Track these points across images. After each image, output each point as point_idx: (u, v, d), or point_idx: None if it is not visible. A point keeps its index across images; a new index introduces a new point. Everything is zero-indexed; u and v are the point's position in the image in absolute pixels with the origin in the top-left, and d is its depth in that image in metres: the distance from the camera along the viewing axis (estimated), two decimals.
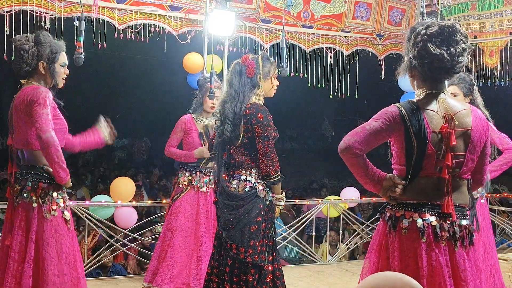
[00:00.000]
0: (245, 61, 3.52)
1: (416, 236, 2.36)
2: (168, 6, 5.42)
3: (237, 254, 3.36)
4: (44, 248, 2.99)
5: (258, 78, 3.50)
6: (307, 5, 6.11)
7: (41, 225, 3.02)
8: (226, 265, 3.42)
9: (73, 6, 5.00)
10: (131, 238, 5.86)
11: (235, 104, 3.45)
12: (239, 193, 3.41)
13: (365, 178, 2.49)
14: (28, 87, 3.11)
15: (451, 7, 6.38)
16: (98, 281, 5.38)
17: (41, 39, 3.15)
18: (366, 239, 6.84)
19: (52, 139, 2.97)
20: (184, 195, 4.77)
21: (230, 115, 3.45)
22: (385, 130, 2.41)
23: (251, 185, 3.43)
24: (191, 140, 4.87)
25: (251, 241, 3.35)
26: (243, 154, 3.46)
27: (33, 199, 3.05)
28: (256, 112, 3.40)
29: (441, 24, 2.41)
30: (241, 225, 3.37)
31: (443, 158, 2.36)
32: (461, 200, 2.46)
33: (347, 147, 2.41)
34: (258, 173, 3.47)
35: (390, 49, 6.68)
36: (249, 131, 3.40)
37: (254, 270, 3.38)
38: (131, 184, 5.80)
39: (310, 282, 5.55)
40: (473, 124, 2.44)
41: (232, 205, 3.41)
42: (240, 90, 3.46)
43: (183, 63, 5.68)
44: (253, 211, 3.39)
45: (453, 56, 2.39)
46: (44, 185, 3.08)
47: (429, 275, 2.32)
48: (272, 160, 3.42)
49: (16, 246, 3.03)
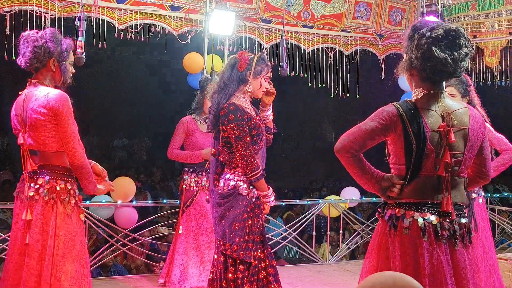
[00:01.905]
0: (240, 56, 3.56)
1: (417, 235, 2.36)
2: (168, 6, 5.42)
3: (224, 250, 3.44)
4: (58, 245, 3.02)
5: (248, 74, 3.52)
6: (307, 5, 6.11)
7: (60, 222, 3.05)
8: (219, 262, 3.48)
9: (73, 6, 5.00)
10: (131, 238, 5.87)
11: (221, 96, 3.49)
12: (223, 192, 3.47)
13: (362, 178, 2.49)
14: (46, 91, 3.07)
15: (451, 7, 6.38)
16: (98, 281, 5.39)
17: (54, 36, 3.15)
18: (366, 239, 6.84)
19: (84, 163, 3.09)
20: (196, 198, 4.80)
21: (214, 105, 3.51)
22: (381, 129, 2.41)
23: (234, 183, 3.47)
24: (194, 141, 4.88)
25: (236, 238, 3.40)
26: (226, 153, 3.51)
27: (52, 196, 3.07)
28: (227, 112, 3.42)
29: (446, 27, 2.41)
30: (226, 222, 3.43)
31: (442, 157, 2.37)
32: (459, 198, 2.46)
33: (342, 147, 2.42)
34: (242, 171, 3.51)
35: (390, 49, 6.68)
36: (225, 131, 3.45)
37: (243, 266, 3.42)
38: (132, 184, 5.80)
39: (310, 282, 5.55)
40: (470, 123, 2.45)
41: (219, 203, 3.49)
42: (228, 82, 3.50)
43: (183, 63, 5.68)
44: (236, 209, 3.44)
45: (456, 61, 2.39)
46: (61, 183, 3.10)
47: (431, 274, 2.32)
48: (247, 159, 3.42)
49: (34, 244, 3.04)
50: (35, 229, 3.05)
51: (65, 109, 3.02)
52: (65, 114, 3.02)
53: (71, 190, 3.12)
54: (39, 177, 3.10)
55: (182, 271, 4.76)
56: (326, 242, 7.45)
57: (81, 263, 3.10)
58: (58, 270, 3.00)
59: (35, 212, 3.07)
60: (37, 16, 4.87)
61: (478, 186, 2.72)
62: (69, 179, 3.13)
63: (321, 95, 7.43)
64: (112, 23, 5.23)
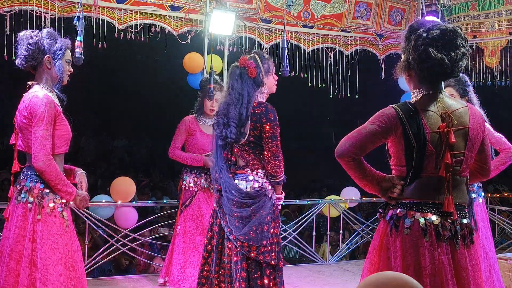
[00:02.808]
0: (244, 63, 3.51)
1: (418, 235, 2.36)
2: (168, 6, 5.41)
3: (248, 252, 3.34)
4: (40, 248, 2.99)
5: (261, 76, 3.51)
6: (307, 5, 6.11)
7: (36, 225, 3.02)
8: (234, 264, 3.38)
9: (73, 6, 5.00)
10: (131, 238, 5.86)
11: (240, 106, 3.41)
12: (251, 192, 3.41)
13: (363, 181, 2.49)
14: (33, 93, 3.07)
15: (451, 7, 6.38)
16: (98, 281, 5.39)
17: (50, 34, 3.15)
18: (366, 239, 6.84)
19: (43, 167, 2.98)
20: (195, 199, 4.79)
21: (235, 118, 3.42)
22: (380, 132, 2.41)
23: (260, 185, 3.44)
24: (195, 141, 4.88)
25: (263, 240, 3.35)
26: (247, 153, 3.46)
27: (30, 199, 3.05)
28: (266, 111, 3.41)
29: (443, 27, 2.41)
30: (253, 223, 3.36)
31: (443, 157, 2.36)
32: (460, 199, 2.46)
33: (343, 152, 2.42)
34: (265, 172, 3.47)
35: (390, 49, 6.68)
36: (257, 129, 3.40)
37: (269, 270, 3.38)
38: (131, 184, 5.80)
39: (310, 282, 5.55)
40: (470, 122, 2.45)
41: (244, 203, 3.40)
42: (243, 92, 3.44)
43: (183, 63, 5.68)
44: (264, 210, 3.40)
45: (453, 61, 2.39)
46: (40, 185, 3.07)
47: (432, 274, 2.32)
48: (280, 161, 3.44)
49: (13, 244, 3.04)
50: (16, 230, 3.05)
51: (40, 113, 2.99)
52: (38, 117, 2.99)
53: (50, 193, 3.07)
54: (22, 178, 3.12)
55: (179, 270, 4.76)
56: (326, 242, 7.45)
57: (67, 266, 3.06)
58: (43, 274, 2.97)
59: (16, 213, 3.07)
60: (37, 16, 4.87)
61: (478, 181, 2.71)
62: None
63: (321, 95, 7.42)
64: (112, 23, 5.22)
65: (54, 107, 3.06)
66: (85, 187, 3.27)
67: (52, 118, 3.04)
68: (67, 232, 3.11)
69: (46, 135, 3.00)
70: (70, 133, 3.20)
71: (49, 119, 3.02)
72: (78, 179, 3.29)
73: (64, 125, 3.15)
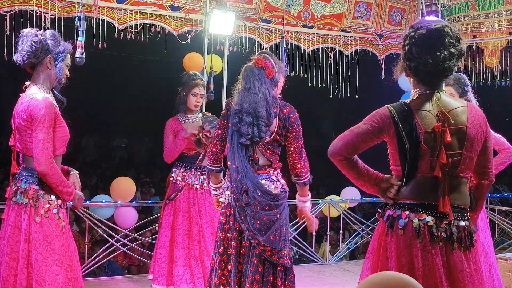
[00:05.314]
0: (261, 63, 3.46)
1: (412, 236, 2.35)
2: (168, 6, 5.41)
3: (270, 256, 3.29)
4: (36, 250, 2.99)
5: (278, 76, 3.52)
6: (307, 5, 6.11)
7: (32, 226, 3.02)
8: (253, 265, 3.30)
9: (73, 6, 5.00)
10: (131, 238, 5.87)
11: (267, 106, 3.38)
12: (278, 193, 3.37)
13: (358, 181, 2.50)
14: (31, 95, 3.06)
15: (451, 7, 6.38)
16: (97, 281, 5.39)
17: (54, 36, 3.16)
18: (366, 239, 6.84)
19: (46, 170, 2.99)
20: (181, 194, 4.75)
21: (264, 117, 3.36)
22: (373, 132, 2.40)
23: (281, 185, 3.43)
24: None
25: (282, 243, 3.31)
26: (271, 151, 3.44)
27: (25, 200, 3.05)
28: (292, 111, 3.45)
29: (429, 27, 2.38)
30: (276, 227, 3.31)
31: (438, 157, 2.34)
32: (460, 200, 2.42)
33: (334, 151, 2.43)
34: (281, 173, 3.46)
35: (390, 49, 6.69)
36: (284, 129, 3.41)
37: (282, 273, 3.33)
38: (131, 184, 5.80)
39: (310, 282, 5.55)
40: (469, 121, 2.40)
41: (270, 205, 3.33)
42: (267, 92, 3.41)
43: (183, 63, 5.68)
44: (285, 213, 3.39)
45: (438, 61, 2.36)
46: (35, 187, 3.07)
47: (425, 276, 2.30)
48: (305, 161, 3.46)
49: (9, 246, 3.04)
50: (12, 231, 3.05)
51: (41, 116, 2.99)
52: (39, 120, 2.99)
53: (45, 194, 3.07)
54: (18, 179, 3.12)
55: (159, 265, 4.70)
56: (326, 242, 7.45)
57: (64, 267, 3.05)
58: (39, 275, 2.96)
59: (13, 214, 3.07)
60: (37, 16, 4.87)
61: (487, 191, 2.64)
62: (44, 183, 3.08)
63: (321, 95, 7.42)
64: (112, 23, 5.22)
65: (53, 109, 3.06)
66: (79, 187, 3.30)
67: (52, 121, 3.04)
68: (63, 233, 3.11)
69: (47, 138, 3.01)
70: (68, 134, 3.19)
71: (50, 122, 3.02)
72: (71, 180, 3.29)
73: (62, 126, 3.14)
